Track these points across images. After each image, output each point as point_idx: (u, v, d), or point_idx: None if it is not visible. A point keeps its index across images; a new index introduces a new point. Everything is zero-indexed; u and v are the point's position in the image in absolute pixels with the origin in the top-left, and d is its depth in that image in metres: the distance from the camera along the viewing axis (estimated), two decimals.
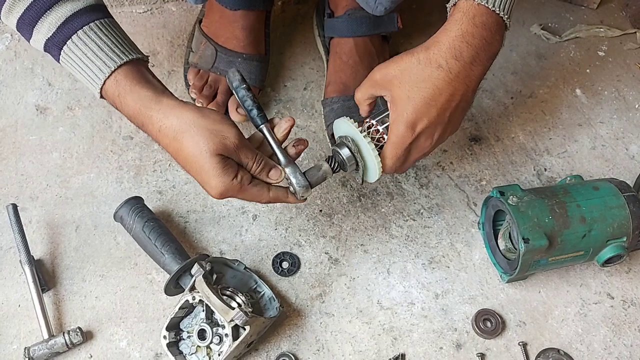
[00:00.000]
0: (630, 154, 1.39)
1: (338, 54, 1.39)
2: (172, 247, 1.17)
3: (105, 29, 0.99)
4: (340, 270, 1.26)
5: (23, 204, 1.29)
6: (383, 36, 1.41)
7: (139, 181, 1.34)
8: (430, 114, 0.98)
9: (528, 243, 1.09)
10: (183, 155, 0.97)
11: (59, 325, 1.19)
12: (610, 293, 1.24)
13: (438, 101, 0.97)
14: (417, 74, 0.96)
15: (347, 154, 1.06)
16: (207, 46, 1.39)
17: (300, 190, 1.05)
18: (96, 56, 0.97)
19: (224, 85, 1.37)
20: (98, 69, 0.98)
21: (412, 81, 0.96)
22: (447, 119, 0.99)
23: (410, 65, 0.97)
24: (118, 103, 1.00)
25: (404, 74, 0.97)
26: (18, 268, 1.21)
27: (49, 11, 0.96)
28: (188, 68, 1.41)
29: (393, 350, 1.18)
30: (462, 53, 0.95)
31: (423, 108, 0.97)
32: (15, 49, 1.51)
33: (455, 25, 0.96)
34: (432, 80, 0.96)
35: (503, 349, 1.18)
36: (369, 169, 1.07)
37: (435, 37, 0.97)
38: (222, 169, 0.96)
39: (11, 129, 1.40)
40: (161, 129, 0.97)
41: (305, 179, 1.05)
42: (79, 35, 0.97)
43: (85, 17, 0.97)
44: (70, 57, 0.98)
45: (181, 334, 1.15)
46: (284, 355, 1.17)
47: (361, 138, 1.04)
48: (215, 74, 1.38)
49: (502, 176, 1.36)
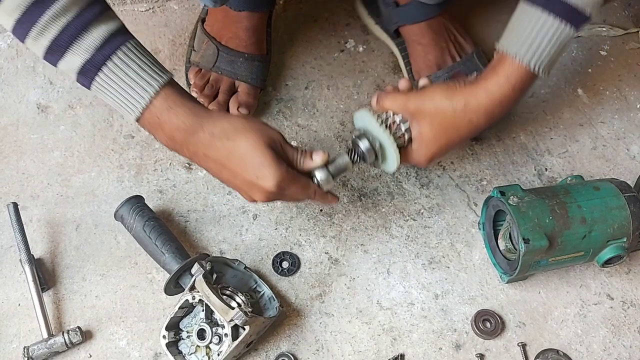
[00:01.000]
0: (631, 154, 1.39)
1: (416, 41, 1.42)
2: (173, 247, 1.17)
3: (140, 48, 0.98)
4: (340, 270, 1.26)
5: (24, 202, 1.30)
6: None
7: (139, 180, 1.34)
8: (448, 151, 1.12)
9: (528, 243, 1.09)
10: (238, 153, 1.00)
11: (59, 324, 1.19)
12: (610, 294, 1.24)
13: (458, 144, 1.12)
14: (449, 122, 1.06)
15: (367, 146, 1.09)
16: (209, 45, 1.39)
17: (323, 181, 1.08)
18: (139, 76, 0.97)
19: (225, 84, 1.37)
20: (142, 88, 0.97)
21: (442, 126, 1.07)
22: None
23: (445, 110, 1.06)
24: (165, 118, 0.99)
25: (437, 117, 1.06)
26: (18, 267, 1.21)
27: (84, 33, 0.93)
28: (189, 67, 1.41)
29: (392, 351, 1.18)
30: (494, 113, 1.06)
31: (444, 149, 1.10)
32: (16, 47, 1.51)
33: (497, 89, 1.04)
34: (460, 131, 1.07)
35: (502, 350, 1.18)
36: (388, 162, 1.12)
37: (475, 93, 1.05)
38: (277, 159, 1.01)
39: (12, 128, 1.40)
40: (214, 133, 1.00)
41: (327, 171, 1.08)
42: (119, 56, 0.95)
43: (121, 38, 0.96)
44: (111, 77, 0.96)
45: (181, 334, 1.15)
46: (283, 355, 1.17)
47: (381, 132, 1.08)
48: (216, 73, 1.37)
49: (502, 176, 1.36)
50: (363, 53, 1.51)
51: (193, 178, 1.34)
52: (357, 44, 1.53)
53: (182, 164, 1.35)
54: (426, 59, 1.41)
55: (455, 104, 1.05)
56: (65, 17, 0.91)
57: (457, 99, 1.06)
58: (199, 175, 1.35)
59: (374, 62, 1.50)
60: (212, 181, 1.34)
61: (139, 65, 0.97)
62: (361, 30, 1.54)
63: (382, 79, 1.48)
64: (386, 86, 1.13)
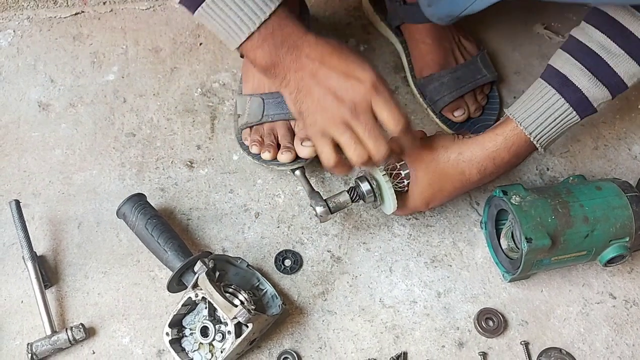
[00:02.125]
0: (632, 154, 1.39)
1: (419, 40, 1.42)
2: (175, 244, 1.17)
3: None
4: (343, 268, 1.26)
5: (25, 200, 1.29)
6: None
7: (141, 178, 1.34)
8: (443, 199, 1.18)
9: (531, 242, 1.09)
10: (341, 49, 1.02)
11: (62, 321, 1.19)
12: (613, 293, 1.24)
13: (452, 193, 1.17)
14: (443, 170, 1.13)
15: (367, 189, 1.16)
16: (252, 100, 1.32)
17: (321, 217, 1.16)
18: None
19: (281, 128, 1.30)
20: (258, 7, 0.97)
21: (436, 173, 1.13)
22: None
23: (440, 160, 1.13)
24: (278, 33, 1.00)
25: (432, 165, 1.13)
26: (21, 264, 1.21)
27: None
28: (241, 133, 1.35)
29: (395, 349, 1.18)
30: (486, 169, 1.13)
31: (438, 196, 1.16)
32: (17, 45, 1.51)
33: (492, 145, 1.12)
34: (453, 180, 1.14)
35: (505, 348, 1.19)
36: (386, 205, 1.19)
37: (471, 146, 1.12)
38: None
39: (14, 126, 1.40)
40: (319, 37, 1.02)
41: (327, 206, 1.16)
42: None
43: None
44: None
45: (184, 331, 1.15)
46: (286, 352, 1.17)
47: (382, 176, 1.14)
48: (268, 123, 1.31)
49: (504, 175, 1.35)
50: (364, 52, 1.52)
51: (195, 176, 1.34)
52: (358, 43, 1.53)
53: (183, 162, 1.35)
54: (429, 59, 1.41)
55: (449, 154, 1.13)
56: None
57: (452, 148, 1.13)
58: (201, 174, 1.35)
59: (375, 62, 1.50)
60: (213, 179, 1.34)
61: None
62: (362, 29, 1.55)
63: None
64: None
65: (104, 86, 1.45)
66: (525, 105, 1.11)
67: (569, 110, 1.08)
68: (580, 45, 1.08)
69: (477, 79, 1.38)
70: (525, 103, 1.11)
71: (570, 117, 1.09)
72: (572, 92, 1.07)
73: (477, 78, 1.39)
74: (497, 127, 1.13)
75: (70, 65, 1.48)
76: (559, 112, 1.09)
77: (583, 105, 1.08)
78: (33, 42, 1.52)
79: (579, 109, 1.08)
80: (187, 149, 1.37)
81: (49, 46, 1.51)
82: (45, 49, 1.50)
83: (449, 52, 1.41)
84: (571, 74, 1.07)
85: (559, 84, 1.08)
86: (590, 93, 1.06)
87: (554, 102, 1.08)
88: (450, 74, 1.39)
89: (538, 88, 1.11)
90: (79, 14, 1.55)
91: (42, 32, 1.53)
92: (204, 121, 1.41)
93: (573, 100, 1.08)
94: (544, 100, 1.09)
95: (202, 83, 1.46)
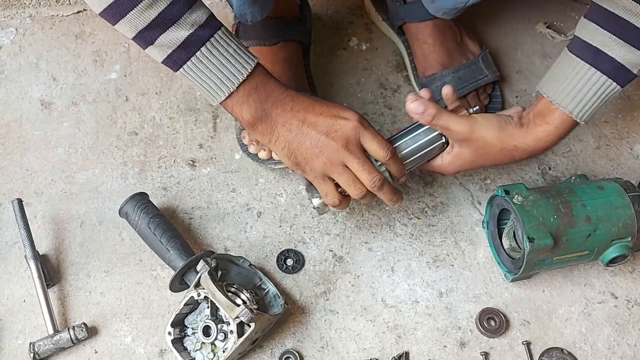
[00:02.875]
0: (634, 153, 1.39)
1: (421, 40, 1.42)
2: (178, 244, 1.17)
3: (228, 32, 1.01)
4: (345, 267, 1.26)
5: (28, 199, 1.30)
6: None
7: (143, 177, 1.34)
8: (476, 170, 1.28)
9: (533, 242, 1.09)
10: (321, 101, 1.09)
11: (64, 320, 1.20)
12: (615, 293, 1.24)
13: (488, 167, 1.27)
14: (492, 154, 1.13)
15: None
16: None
17: (319, 209, 1.15)
18: (238, 54, 1.00)
19: None
20: (241, 65, 1.01)
21: (484, 156, 1.13)
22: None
23: (493, 146, 1.11)
24: (262, 89, 1.04)
25: (483, 149, 1.12)
26: (23, 263, 1.21)
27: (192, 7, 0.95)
28: (241, 133, 1.35)
29: (397, 348, 1.19)
30: (536, 154, 1.14)
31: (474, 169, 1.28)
32: (20, 43, 1.51)
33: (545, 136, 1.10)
34: (498, 161, 1.15)
35: (507, 348, 1.19)
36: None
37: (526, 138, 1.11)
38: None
39: (16, 124, 1.40)
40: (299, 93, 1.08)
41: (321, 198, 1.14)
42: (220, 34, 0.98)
43: (216, 21, 0.99)
44: (213, 53, 0.99)
45: (186, 330, 1.15)
46: (288, 352, 1.17)
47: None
48: None
49: (506, 175, 1.36)
50: (366, 51, 1.51)
51: (197, 175, 1.35)
52: (360, 42, 1.53)
53: (186, 161, 1.35)
54: (431, 58, 1.41)
55: (504, 144, 1.11)
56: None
57: (507, 140, 1.11)
58: (203, 173, 1.35)
59: (377, 60, 1.50)
60: (216, 178, 1.34)
61: (236, 43, 1.00)
62: (364, 28, 1.55)
63: (385, 77, 1.48)
64: (409, 94, 1.14)
65: (106, 85, 1.45)
66: (563, 86, 1.08)
67: (608, 82, 1.05)
68: (605, 13, 1.04)
69: (480, 79, 1.38)
70: (563, 84, 1.08)
71: (611, 88, 1.06)
72: (608, 62, 1.04)
73: (480, 78, 1.38)
74: (545, 116, 1.11)
75: (73, 63, 1.48)
76: (599, 86, 1.06)
77: (622, 73, 1.05)
78: (35, 40, 1.52)
79: (619, 78, 1.05)
80: (190, 148, 1.37)
81: (51, 44, 1.51)
82: (48, 47, 1.50)
83: (452, 52, 1.41)
84: (602, 44, 1.04)
85: (592, 57, 1.05)
86: (626, 60, 1.03)
87: (590, 76, 1.06)
88: (453, 73, 1.38)
89: (570, 65, 1.08)
90: (81, 12, 1.55)
91: (44, 30, 1.53)
92: (206, 120, 1.41)
93: (610, 71, 1.05)
94: (580, 77, 1.07)
95: None
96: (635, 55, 1.02)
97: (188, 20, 0.95)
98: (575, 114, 1.08)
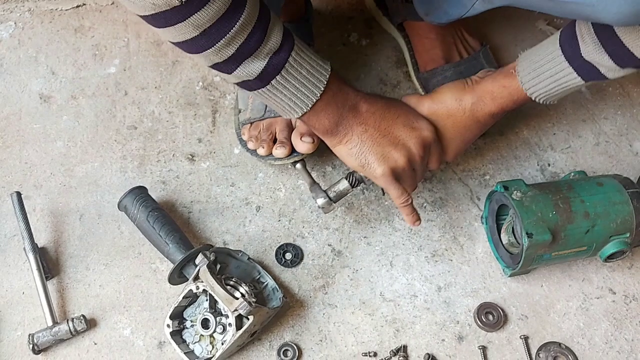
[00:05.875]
0: (634, 150, 1.39)
1: (423, 35, 1.43)
2: (176, 237, 1.17)
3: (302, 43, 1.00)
4: (344, 262, 1.26)
5: (27, 192, 1.30)
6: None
7: (142, 171, 1.34)
8: (465, 147, 1.22)
9: (532, 238, 1.10)
10: (398, 104, 1.13)
11: (63, 312, 1.20)
12: (612, 288, 1.24)
13: (472, 140, 1.21)
14: (461, 123, 1.16)
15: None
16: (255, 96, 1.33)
17: (324, 208, 1.15)
18: (313, 69, 0.99)
19: (281, 124, 1.30)
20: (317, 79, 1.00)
21: (455, 128, 1.16)
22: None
23: (457, 113, 1.15)
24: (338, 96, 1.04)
25: (450, 120, 1.16)
26: (22, 256, 1.21)
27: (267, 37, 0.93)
28: (241, 129, 1.34)
29: (395, 342, 1.19)
30: (498, 116, 1.17)
31: (462, 146, 1.20)
32: (19, 37, 1.51)
33: (500, 95, 1.14)
34: (472, 129, 1.17)
35: (505, 342, 1.19)
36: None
37: (483, 96, 1.15)
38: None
39: (15, 117, 1.40)
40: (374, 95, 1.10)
41: (327, 196, 1.15)
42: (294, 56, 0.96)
43: (290, 37, 0.97)
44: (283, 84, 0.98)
45: (184, 323, 1.15)
46: (286, 345, 1.17)
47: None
48: (269, 118, 1.30)
49: (505, 171, 1.36)
50: (366, 47, 1.52)
51: (196, 169, 1.35)
52: (360, 38, 1.53)
53: (185, 155, 1.36)
54: (433, 53, 1.41)
55: (464, 105, 1.15)
56: (250, 24, 0.90)
57: (465, 99, 1.15)
58: (202, 167, 1.35)
59: (377, 56, 1.50)
60: (215, 172, 1.34)
61: (310, 57, 0.99)
62: (364, 23, 1.55)
63: (385, 72, 1.48)
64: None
65: (105, 79, 1.45)
66: (533, 66, 1.11)
67: (577, 78, 1.07)
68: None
69: None
70: (534, 64, 1.10)
71: (576, 82, 1.08)
72: (585, 67, 1.06)
73: None
74: (505, 78, 1.14)
75: (72, 57, 1.48)
76: (566, 79, 1.09)
77: (594, 75, 1.06)
78: (34, 34, 1.52)
79: (589, 77, 1.07)
80: (189, 142, 1.38)
81: (50, 38, 1.51)
82: (47, 41, 1.50)
83: (453, 47, 1.42)
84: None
85: (570, 54, 1.06)
86: (592, 58, 1.03)
87: (564, 73, 1.08)
88: (454, 68, 1.39)
89: (550, 52, 1.09)
90: (81, 6, 1.55)
91: (43, 24, 1.53)
92: (206, 114, 1.41)
93: (584, 73, 1.06)
94: (554, 69, 1.09)
95: (203, 76, 1.46)
96: (601, 57, 1.02)
97: (264, 51, 0.93)
98: (535, 95, 1.12)
